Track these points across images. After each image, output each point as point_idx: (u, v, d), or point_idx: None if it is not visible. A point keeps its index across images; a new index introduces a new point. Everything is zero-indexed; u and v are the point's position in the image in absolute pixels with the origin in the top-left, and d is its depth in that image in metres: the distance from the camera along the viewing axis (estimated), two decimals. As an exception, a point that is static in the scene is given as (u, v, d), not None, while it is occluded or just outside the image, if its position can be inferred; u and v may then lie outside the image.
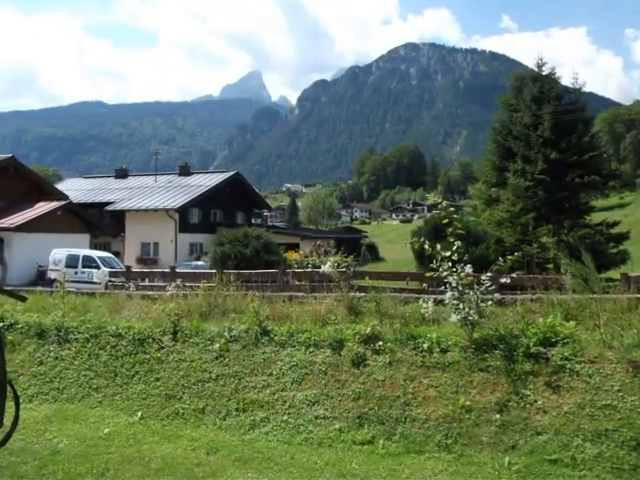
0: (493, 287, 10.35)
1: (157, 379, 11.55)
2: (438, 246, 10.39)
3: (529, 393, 9.10)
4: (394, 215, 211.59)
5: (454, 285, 10.18)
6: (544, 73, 43.09)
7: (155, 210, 56.20)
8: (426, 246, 10.46)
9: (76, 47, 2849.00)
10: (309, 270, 22.74)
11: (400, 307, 12.17)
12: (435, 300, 11.40)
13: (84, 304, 15.63)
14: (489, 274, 10.42)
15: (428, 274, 10.77)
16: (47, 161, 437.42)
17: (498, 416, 8.92)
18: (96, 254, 37.12)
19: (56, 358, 12.81)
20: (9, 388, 4.39)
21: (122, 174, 73.11)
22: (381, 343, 10.64)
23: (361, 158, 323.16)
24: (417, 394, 9.65)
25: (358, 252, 48.68)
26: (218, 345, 11.75)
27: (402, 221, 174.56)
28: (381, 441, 9.05)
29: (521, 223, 37.80)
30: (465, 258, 10.29)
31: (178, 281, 15.97)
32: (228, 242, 42.92)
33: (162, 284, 18.93)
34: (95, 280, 26.82)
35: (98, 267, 33.23)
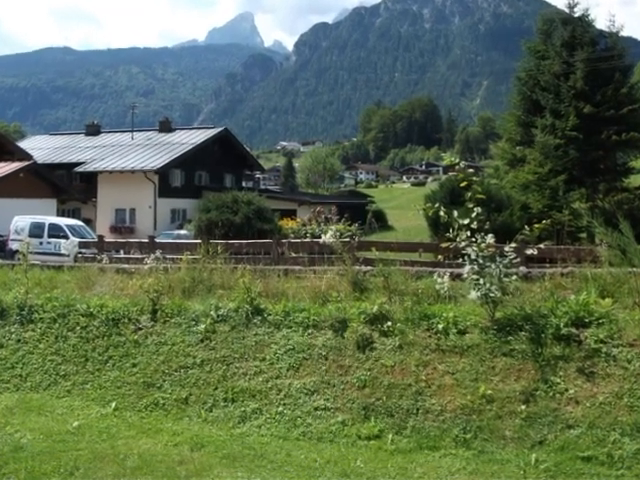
0: (518, 260, 10.29)
1: (134, 365, 11.52)
2: (455, 213, 10.31)
3: (559, 381, 9.06)
4: (405, 177, 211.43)
5: (473, 257, 10.11)
6: (576, 15, 42.67)
7: (131, 171, 56.03)
8: (441, 213, 10.38)
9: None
10: (307, 240, 22.72)
11: (412, 282, 12.12)
12: (452, 275, 11.34)
13: (50, 279, 15.59)
14: (513, 245, 10.35)
15: (443, 245, 10.70)
16: (8, 116, 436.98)
17: (524, 407, 8.89)
18: (64, 222, 37.06)
19: (18, 341, 12.77)
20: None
21: (94, 130, 72.83)
22: (390, 324, 10.60)
23: (367, 112, 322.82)
24: (431, 382, 9.61)
25: (363, 219, 48.44)
26: (203, 326, 11.71)
27: (414, 184, 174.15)
28: (390, 436, 9.03)
29: (550, 186, 37.63)
30: (486, 226, 10.21)
31: (158, 253, 15.89)
32: (215, 208, 42.83)
33: (139, 256, 18.89)
34: (63, 252, 26.68)
35: (66, 237, 33.06)
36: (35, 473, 8.11)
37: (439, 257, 16.68)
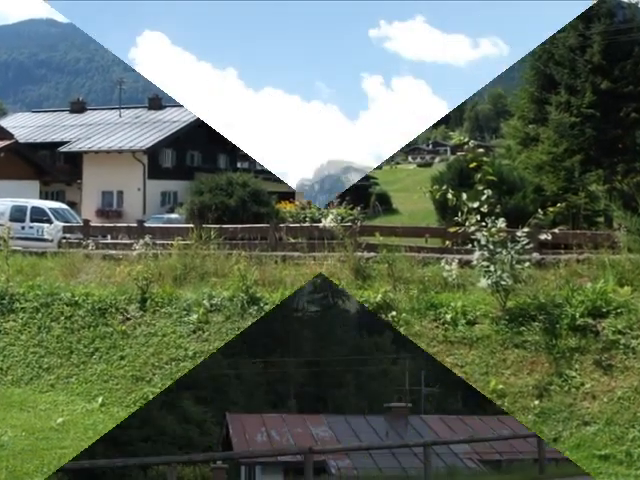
0: (531, 245, 10.27)
1: (122, 357, 11.51)
2: (464, 195, 10.29)
3: (574, 374, 9.05)
4: (410, 158, 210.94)
5: (483, 243, 10.09)
6: (593, -16, 42.58)
7: (119, 151, 55.77)
8: (449, 195, 10.36)
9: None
10: (307, 225, 22.71)
11: (418, 270, 12.11)
12: (460, 261, 11.33)
13: (33, 266, 15.58)
14: (526, 229, 10.33)
15: (452, 229, 10.69)
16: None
17: (537, 402, 8.88)
18: (47, 205, 36.90)
19: (-1, 332, 12.77)
20: None
21: (79, 108, 72.43)
22: (394, 313, 10.58)
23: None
24: (438, 376, 9.60)
25: (366, 203, 48.58)
26: (196, 316, 11.70)
27: (420, 165, 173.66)
28: (394, 432, 9.03)
29: (565, 167, 37.61)
30: (497, 210, 10.18)
31: (147, 238, 15.87)
32: (208, 190, 42.80)
33: (128, 242, 18.87)
34: (46, 237, 26.73)
35: (50, 221, 32.99)
36: (17, 472, 8.10)
37: (447, 243, 16.65)
